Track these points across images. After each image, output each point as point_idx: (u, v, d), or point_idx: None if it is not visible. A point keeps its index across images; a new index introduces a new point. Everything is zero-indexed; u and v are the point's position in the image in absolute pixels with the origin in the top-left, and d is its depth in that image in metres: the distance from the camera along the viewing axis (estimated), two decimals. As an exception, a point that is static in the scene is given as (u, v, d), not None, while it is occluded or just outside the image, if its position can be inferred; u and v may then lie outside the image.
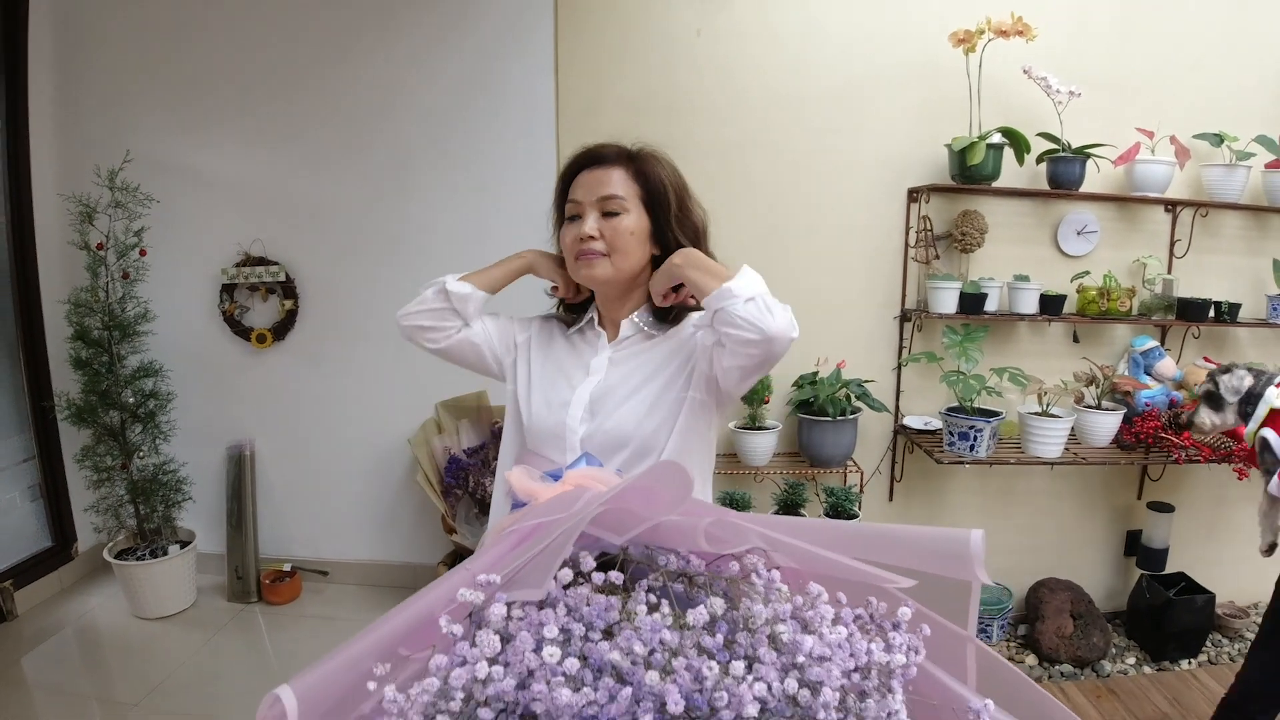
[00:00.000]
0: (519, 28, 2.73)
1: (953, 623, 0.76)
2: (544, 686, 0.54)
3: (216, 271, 2.91)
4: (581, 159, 1.30)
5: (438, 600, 0.64)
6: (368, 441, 3.03)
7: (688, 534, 0.69)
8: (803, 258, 2.78)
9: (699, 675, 0.56)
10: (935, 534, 0.96)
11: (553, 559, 0.63)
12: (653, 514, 0.69)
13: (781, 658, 0.59)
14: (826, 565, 0.69)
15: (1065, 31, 2.68)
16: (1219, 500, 3.06)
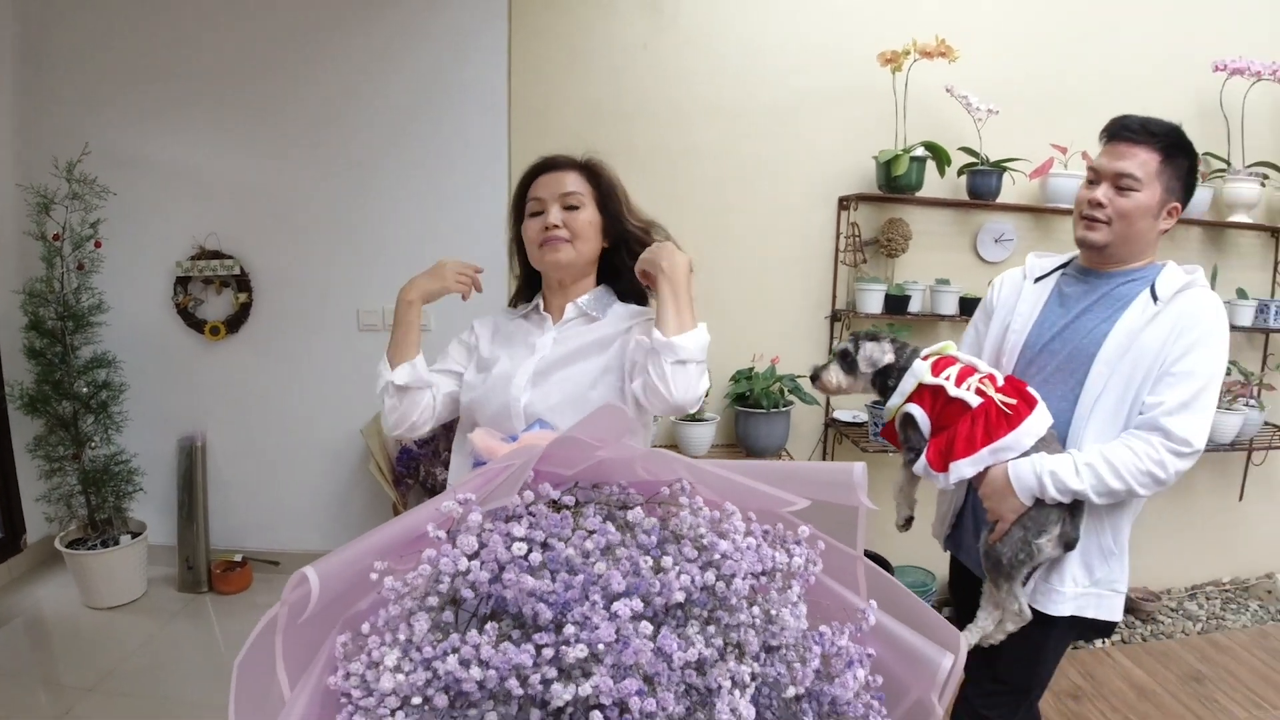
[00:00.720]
0: (475, 32, 2.84)
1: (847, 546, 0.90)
2: (514, 576, 0.66)
3: (171, 264, 2.96)
4: (539, 166, 1.48)
5: (426, 515, 0.76)
6: (319, 433, 3.10)
7: (627, 467, 0.82)
8: (741, 260, 2.94)
9: (637, 567, 0.68)
10: (826, 467, 1.11)
11: (518, 478, 0.75)
12: (599, 446, 0.80)
13: (701, 556, 0.72)
14: (739, 492, 0.82)
15: (986, 53, 2.88)
16: (1126, 492, 3.29)
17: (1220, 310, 1.51)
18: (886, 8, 2.85)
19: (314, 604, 0.67)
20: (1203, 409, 1.46)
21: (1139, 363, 1.49)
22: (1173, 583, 3.41)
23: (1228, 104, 3.00)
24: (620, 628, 0.64)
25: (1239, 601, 3.31)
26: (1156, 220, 1.53)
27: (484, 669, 0.61)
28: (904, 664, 0.82)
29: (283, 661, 0.69)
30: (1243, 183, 2.99)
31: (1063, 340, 1.59)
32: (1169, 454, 1.44)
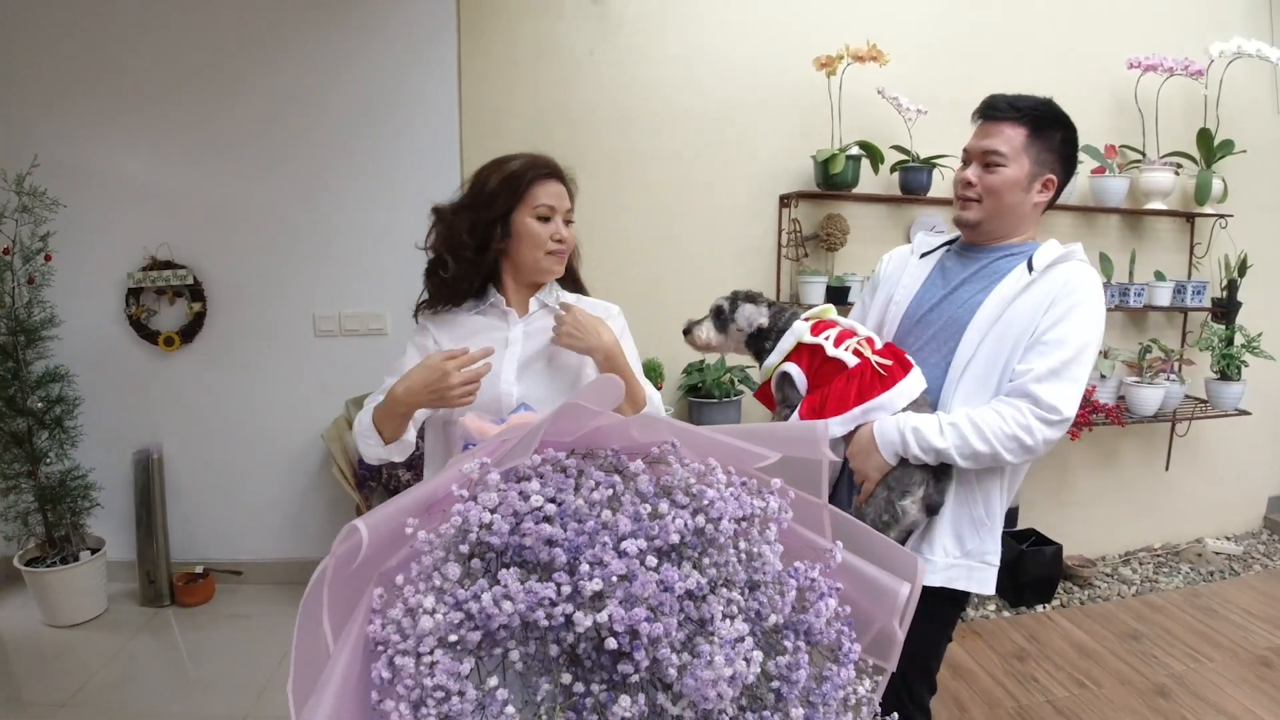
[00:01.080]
0: (425, 39, 2.90)
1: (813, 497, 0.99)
2: (531, 525, 0.74)
3: (122, 275, 2.95)
4: (550, 170, 1.52)
5: (449, 477, 0.83)
6: (277, 440, 3.12)
7: (621, 431, 0.90)
8: (689, 256, 3.05)
9: (638, 513, 0.77)
10: (794, 425, 1.21)
11: (532, 440, 0.83)
12: (599, 413, 0.88)
13: (692, 503, 0.80)
14: (719, 449, 0.90)
15: (915, 57, 3.03)
16: (1062, 464, 3.48)
17: (1095, 283, 1.52)
18: (820, 16, 2.99)
19: (364, 552, 0.75)
20: (1072, 378, 1.47)
21: (1009, 331, 1.51)
22: (1107, 550, 3.60)
23: (1142, 99, 3.20)
24: (629, 564, 0.72)
25: (1171, 565, 3.51)
26: (1028, 193, 1.56)
27: (513, 604, 0.69)
28: (868, 596, 0.91)
29: (328, 614, 0.75)
30: (1158, 172, 3.19)
31: (940, 311, 1.63)
32: (1036, 420, 1.45)
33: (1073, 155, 1.60)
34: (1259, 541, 3.77)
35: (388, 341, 3.07)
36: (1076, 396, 1.47)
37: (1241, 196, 3.39)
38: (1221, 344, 3.27)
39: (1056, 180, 1.57)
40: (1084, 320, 1.48)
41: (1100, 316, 1.51)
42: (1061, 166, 1.58)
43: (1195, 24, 3.29)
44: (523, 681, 0.72)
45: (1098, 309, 1.50)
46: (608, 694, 0.70)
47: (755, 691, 0.76)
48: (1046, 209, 1.61)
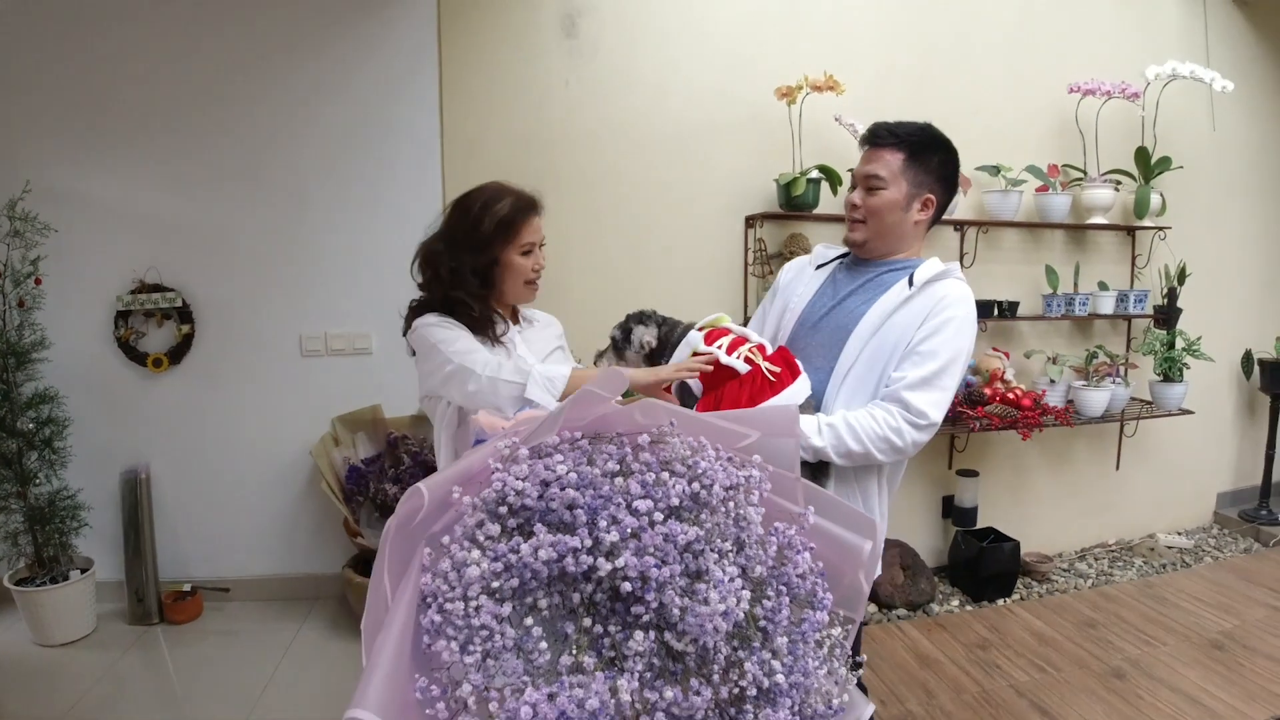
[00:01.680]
0: (407, 69, 3.03)
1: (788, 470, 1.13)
2: (557, 491, 0.87)
3: (111, 298, 3.02)
4: (534, 206, 1.74)
5: (486, 453, 0.94)
6: (264, 459, 3.19)
7: (627, 416, 1.03)
8: (659, 274, 3.19)
9: (645, 482, 0.90)
10: (771, 409, 1.36)
11: (556, 419, 0.96)
12: (609, 398, 1.01)
13: (687, 472, 0.93)
14: (708, 429, 1.04)
15: (868, 86, 3.22)
16: (1016, 466, 3.66)
17: (967, 299, 1.64)
18: (780, 47, 3.18)
19: (425, 510, 0.87)
20: (941, 387, 1.58)
21: (888, 339, 1.62)
22: (1063, 547, 3.79)
23: (1083, 120, 3.43)
24: (640, 520, 0.86)
25: (1125, 560, 3.70)
26: (907, 213, 1.68)
27: (547, 553, 0.82)
28: (837, 553, 1.05)
29: (388, 570, 0.88)
30: (1098, 189, 3.42)
31: (829, 319, 1.74)
32: (905, 423, 1.56)
33: (951, 176, 1.73)
34: (1209, 535, 3.98)
35: (373, 361, 3.17)
36: (944, 404, 1.59)
37: (1179, 209, 3.63)
38: (1164, 348, 3.49)
39: (936, 200, 1.70)
40: (955, 334, 1.60)
41: (971, 330, 1.63)
42: (941, 187, 1.71)
43: (1132, 48, 3.54)
44: (548, 628, 0.84)
45: (969, 323, 1.63)
46: (622, 633, 0.83)
47: (744, 633, 0.89)
48: (931, 225, 1.75)
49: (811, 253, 1.93)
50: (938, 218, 1.75)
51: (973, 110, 3.40)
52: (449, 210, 1.75)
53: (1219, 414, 4.06)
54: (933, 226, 1.77)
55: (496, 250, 1.70)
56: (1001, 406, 3.22)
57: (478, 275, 1.70)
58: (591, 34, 3.05)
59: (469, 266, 1.69)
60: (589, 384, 1.01)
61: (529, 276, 1.75)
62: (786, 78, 3.03)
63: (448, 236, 1.72)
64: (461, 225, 1.70)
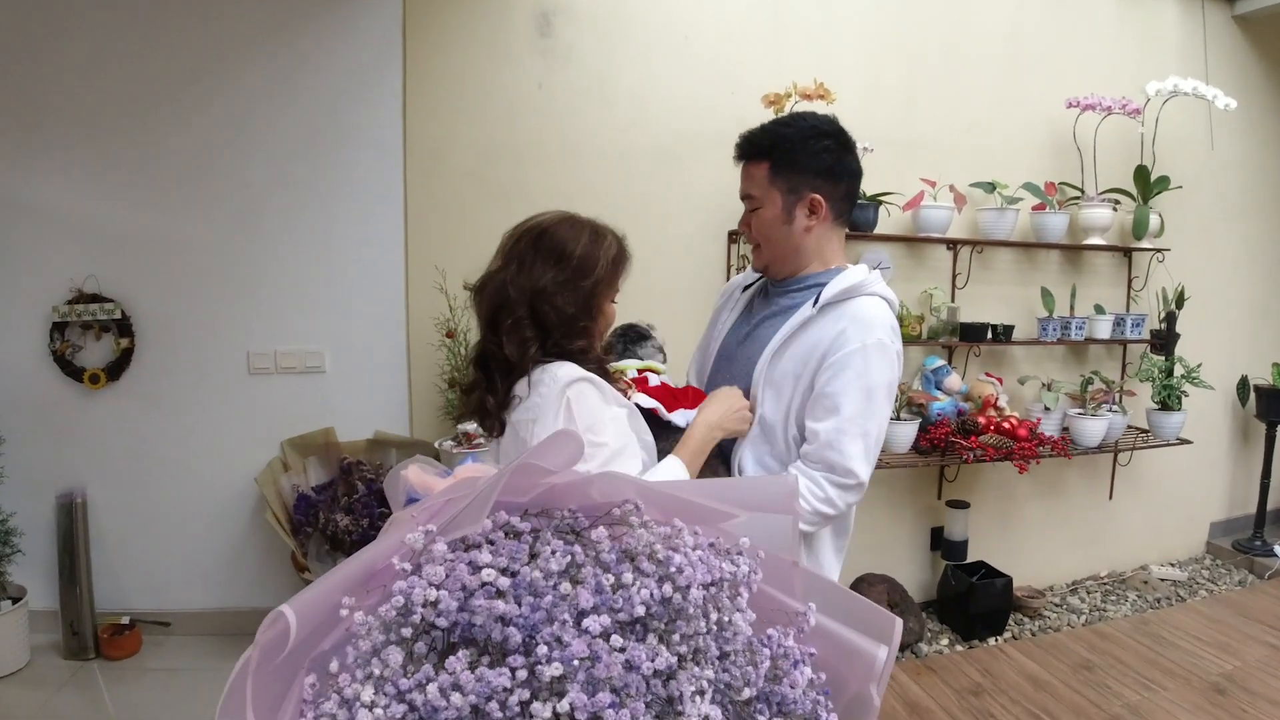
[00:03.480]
0: (368, 70, 2.83)
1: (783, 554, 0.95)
2: (482, 602, 0.68)
3: (47, 309, 2.80)
4: (629, 253, 1.49)
5: (388, 548, 0.76)
6: (209, 484, 2.97)
7: (579, 490, 0.84)
8: (637, 293, 2.95)
9: (600, 585, 0.71)
10: (762, 481, 1.17)
11: (482, 505, 0.76)
12: (553, 472, 0.82)
13: (657, 571, 0.75)
14: (682, 507, 0.86)
15: (861, 96, 3.07)
16: (1009, 496, 3.51)
17: (876, 321, 1.40)
18: (767, 56, 3.02)
19: (293, 641, 0.68)
20: (861, 434, 1.38)
21: (787, 374, 1.44)
22: (1054, 579, 3.64)
23: (1081, 137, 3.29)
24: (591, 643, 0.67)
25: (1118, 593, 3.55)
26: (791, 225, 1.46)
27: (463, 695, 0.63)
28: (842, 659, 0.87)
29: (252, 709, 0.68)
30: (1096, 209, 3.27)
31: (741, 350, 1.57)
32: (834, 489, 1.38)
33: (836, 164, 1.46)
34: (1202, 566, 3.86)
35: (325, 380, 2.96)
36: (868, 454, 1.39)
37: (1178, 231, 3.50)
38: (1162, 375, 3.35)
39: (824, 197, 1.45)
40: (861, 371, 1.38)
41: (884, 358, 1.40)
42: (824, 180, 1.45)
43: (1132, 64, 3.41)
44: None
45: (879, 352, 1.39)
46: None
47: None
48: (844, 225, 1.52)
49: (745, 271, 1.74)
50: (842, 214, 1.50)
51: (967, 124, 3.25)
52: (527, 244, 1.39)
53: (1213, 441, 3.93)
54: (846, 225, 1.54)
55: (602, 295, 1.41)
56: (996, 436, 3.06)
57: (591, 319, 1.41)
58: (567, 36, 2.87)
59: (585, 309, 1.39)
60: (533, 452, 0.83)
61: (606, 332, 1.49)
62: (773, 85, 2.86)
63: (548, 273, 1.37)
64: (569, 262, 1.37)
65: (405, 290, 2.89)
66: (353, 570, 0.75)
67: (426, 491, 1.07)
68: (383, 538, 0.80)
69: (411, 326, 2.90)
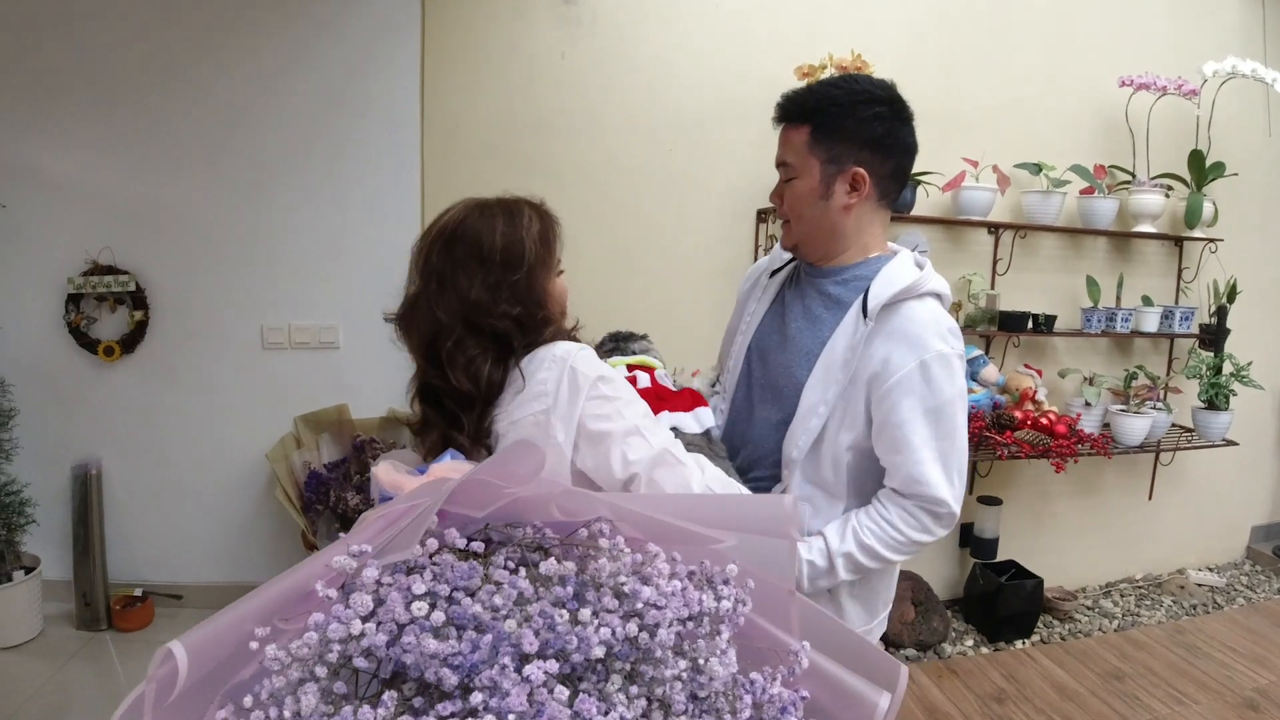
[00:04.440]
0: (385, 41, 2.74)
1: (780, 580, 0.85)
2: (414, 639, 0.60)
3: (62, 281, 2.77)
4: (556, 218, 1.29)
5: (314, 570, 0.68)
6: (222, 458, 2.94)
7: (542, 506, 0.76)
8: (658, 272, 2.90)
9: (552, 623, 0.63)
10: (756, 500, 1.07)
11: (419, 526, 0.69)
12: (509, 487, 0.74)
13: (623, 605, 0.67)
14: (663, 529, 0.77)
15: (898, 70, 2.87)
16: (1043, 494, 3.37)
17: (934, 328, 1.24)
18: (802, 25, 2.87)
19: (182, 682, 0.62)
20: (941, 454, 1.24)
21: (855, 404, 1.27)
22: (1087, 581, 3.50)
23: (1133, 118, 3.11)
24: (534, 693, 0.59)
25: (1153, 598, 3.41)
26: (828, 200, 1.29)
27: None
28: (840, 704, 0.78)
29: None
30: (1147, 194, 3.09)
31: (781, 357, 1.38)
32: (928, 517, 1.26)
33: (886, 134, 1.29)
34: (1241, 572, 3.69)
35: (340, 355, 2.91)
36: (950, 476, 1.25)
37: (1232, 220, 3.31)
38: (1210, 372, 3.18)
39: (868, 172, 1.28)
40: (923, 392, 1.23)
41: (947, 370, 1.23)
42: (871, 153, 1.28)
43: (1189, 43, 3.20)
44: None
45: (939, 367, 1.23)
46: None
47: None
48: (889, 205, 1.35)
49: (772, 251, 1.55)
50: (888, 194, 1.33)
51: (1012, 101, 3.08)
52: (439, 253, 1.20)
53: (1259, 442, 3.74)
54: (890, 208, 1.36)
55: (542, 278, 1.22)
56: (1033, 433, 2.92)
57: (543, 307, 1.23)
58: (591, 1, 2.75)
59: (534, 300, 1.21)
60: (484, 466, 0.74)
61: (565, 308, 1.29)
62: (807, 56, 2.72)
63: (475, 280, 1.18)
64: (492, 259, 1.19)
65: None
66: (274, 594, 0.68)
67: (396, 491, 0.98)
68: (309, 561, 0.72)
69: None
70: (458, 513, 0.75)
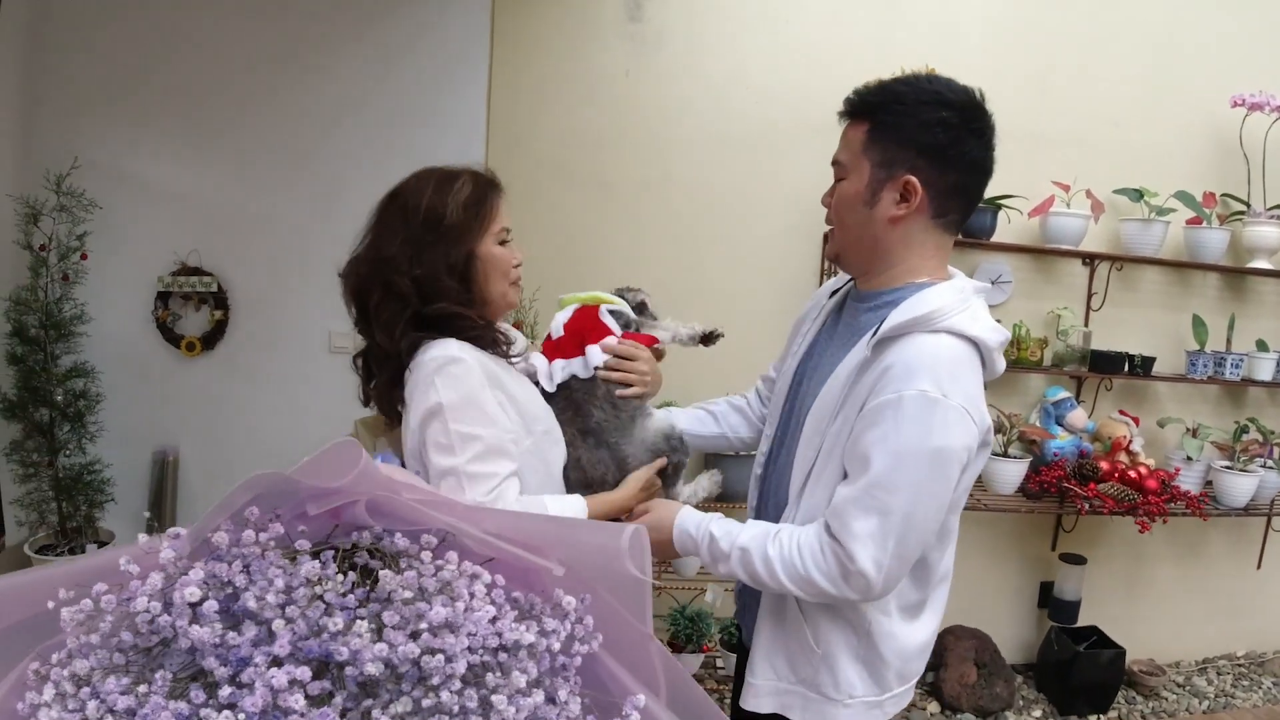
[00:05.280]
0: (457, 55, 2.82)
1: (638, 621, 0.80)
2: (184, 624, 0.60)
3: (153, 279, 2.96)
4: (497, 185, 1.35)
5: (129, 550, 0.70)
6: (288, 452, 3.03)
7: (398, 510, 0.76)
8: (716, 295, 2.82)
9: (318, 627, 0.61)
10: (595, 525, 1.00)
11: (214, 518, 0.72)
12: (323, 484, 0.76)
13: (411, 624, 0.63)
14: (501, 552, 0.74)
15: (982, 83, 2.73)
16: (1136, 555, 3.07)
17: (934, 365, 1.07)
18: (872, 37, 2.77)
19: None
20: (879, 510, 1.07)
21: (844, 432, 1.15)
22: (1182, 655, 3.16)
23: (1248, 142, 2.82)
24: (281, 699, 0.56)
25: (1252, 677, 3.05)
26: (873, 208, 1.18)
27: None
28: None
29: None
30: (1263, 226, 2.80)
31: (809, 383, 1.29)
32: (838, 567, 1.10)
33: (947, 142, 1.15)
34: (1363, 657, 3.23)
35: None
36: (882, 539, 1.07)
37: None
38: (1332, 429, 2.81)
39: (919, 181, 1.15)
40: (892, 428, 1.07)
41: (932, 416, 1.06)
42: (927, 161, 1.15)
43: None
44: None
45: (917, 408, 1.06)
46: None
47: None
48: (946, 224, 1.20)
49: (837, 274, 1.44)
50: (946, 212, 1.19)
51: (1110, 123, 2.86)
52: (380, 211, 1.34)
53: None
54: (953, 231, 1.22)
55: (471, 240, 1.27)
56: (1119, 486, 2.65)
57: (454, 275, 1.26)
58: (657, 20, 2.74)
59: (442, 266, 1.25)
60: (305, 465, 0.72)
61: (513, 275, 1.32)
62: (878, 70, 2.58)
63: (396, 238, 1.27)
64: (414, 219, 1.27)
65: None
66: (90, 564, 0.69)
67: None
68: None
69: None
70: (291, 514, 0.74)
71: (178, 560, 0.66)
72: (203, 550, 0.71)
